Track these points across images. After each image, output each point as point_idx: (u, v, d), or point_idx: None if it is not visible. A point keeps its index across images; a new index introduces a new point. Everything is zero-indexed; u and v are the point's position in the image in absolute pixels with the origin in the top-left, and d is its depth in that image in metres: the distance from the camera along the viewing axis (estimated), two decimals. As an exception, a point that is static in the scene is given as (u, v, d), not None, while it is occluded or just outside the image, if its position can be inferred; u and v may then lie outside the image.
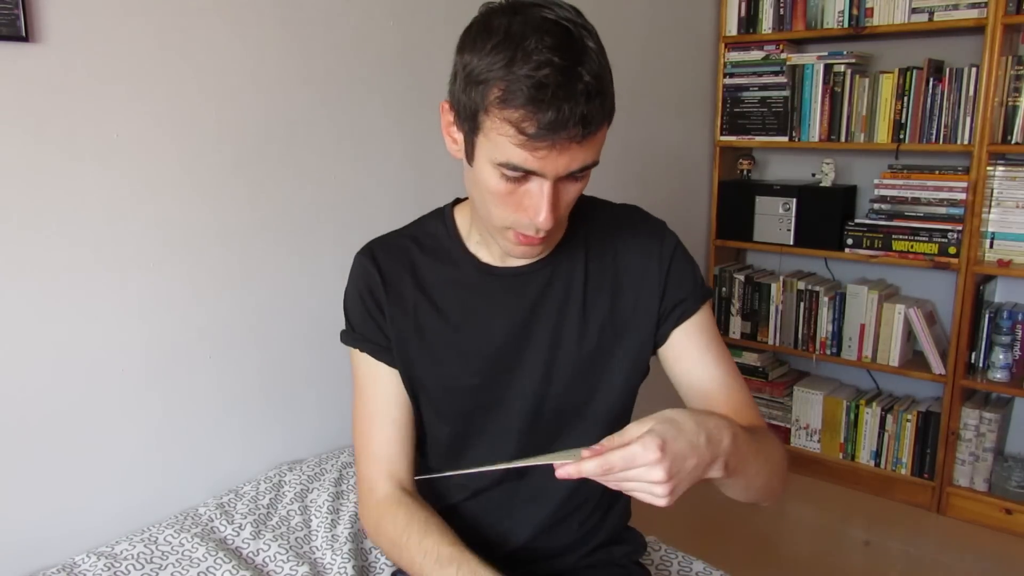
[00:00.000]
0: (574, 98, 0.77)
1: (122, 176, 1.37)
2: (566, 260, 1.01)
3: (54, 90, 1.27)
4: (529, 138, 0.78)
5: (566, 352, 1.00)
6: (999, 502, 2.43)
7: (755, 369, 2.90)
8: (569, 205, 0.88)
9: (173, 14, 1.40)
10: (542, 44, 0.77)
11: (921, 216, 2.48)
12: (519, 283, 1.00)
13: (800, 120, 2.68)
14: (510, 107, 0.78)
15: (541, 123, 0.77)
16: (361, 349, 1.03)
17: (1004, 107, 2.29)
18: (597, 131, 0.81)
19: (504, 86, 0.78)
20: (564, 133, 0.78)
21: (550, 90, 0.76)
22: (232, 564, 1.32)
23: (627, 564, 1.14)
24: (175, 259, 1.46)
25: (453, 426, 1.03)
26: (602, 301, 1.01)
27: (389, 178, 1.81)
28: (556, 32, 0.78)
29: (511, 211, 0.86)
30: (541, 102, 0.76)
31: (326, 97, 1.67)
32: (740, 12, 2.75)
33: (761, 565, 2.26)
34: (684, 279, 1.02)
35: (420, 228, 1.06)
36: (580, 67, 0.77)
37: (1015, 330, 2.39)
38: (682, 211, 2.87)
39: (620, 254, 1.02)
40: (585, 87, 0.77)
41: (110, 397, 1.40)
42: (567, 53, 0.77)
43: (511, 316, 1.00)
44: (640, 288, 1.01)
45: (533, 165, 0.81)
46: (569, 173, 0.82)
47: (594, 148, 0.83)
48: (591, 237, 1.02)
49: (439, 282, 1.02)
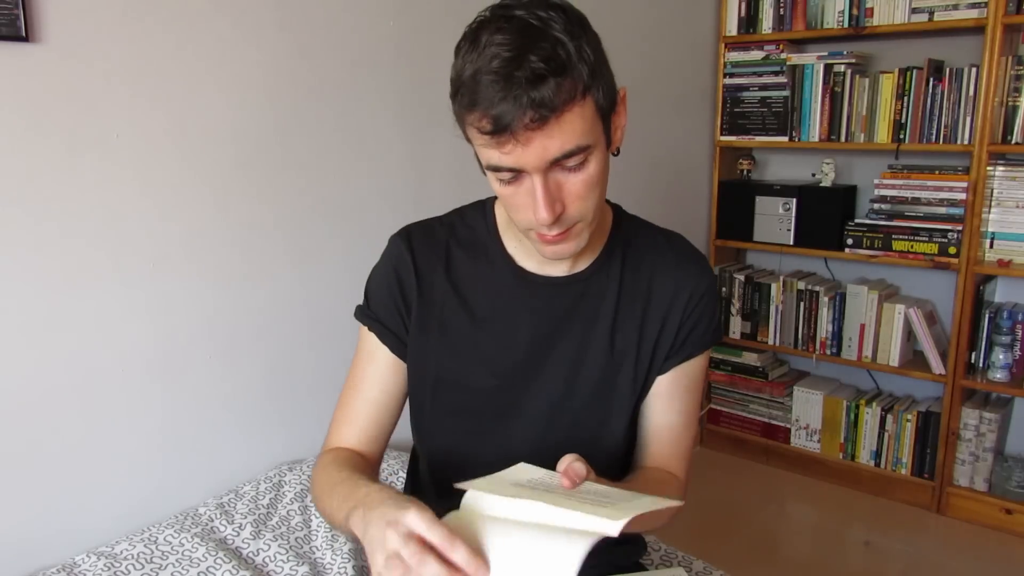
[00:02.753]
0: (519, 85, 0.75)
1: (122, 176, 1.37)
2: (601, 278, 1.00)
3: (54, 90, 1.27)
4: (491, 135, 0.77)
5: (589, 369, 0.99)
6: (999, 502, 2.43)
7: (755, 369, 2.90)
8: (581, 199, 0.85)
9: (173, 14, 1.40)
10: (492, 40, 0.76)
11: (921, 216, 2.48)
12: (551, 293, 0.99)
13: (800, 120, 2.68)
14: (469, 110, 0.78)
15: (492, 119, 0.76)
16: (370, 328, 1.03)
17: (1004, 107, 2.29)
18: (561, 112, 0.77)
19: (465, 91, 0.78)
20: (517, 123, 0.76)
21: (495, 84, 0.75)
22: (232, 564, 1.32)
23: (627, 564, 1.14)
24: (175, 259, 1.46)
25: (464, 426, 1.02)
26: (631, 325, 1.00)
27: (390, 178, 1.81)
28: (512, 28, 0.77)
29: (523, 213, 0.85)
30: (487, 98, 0.76)
31: (326, 97, 1.67)
32: (740, 12, 2.75)
33: (761, 565, 2.26)
34: (701, 322, 1.01)
35: (460, 219, 1.04)
36: (529, 53, 0.75)
37: (1015, 330, 2.39)
38: (682, 211, 2.87)
39: (655, 282, 1.00)
40: (531, 71, 0.75)
41: (110, 397, 1.40)
42: (516, 44, 0.76)
43: (538, 324, 0.99)
44: (665, 320, 1.00)
45: (508, 162, 0.79)
46: (555, 161, 0.80)
47: (569, 131, 0.79)
48: (629, 258, 1.01)
49: (471, 279, 1.00)
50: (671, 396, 1.02)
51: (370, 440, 1.04)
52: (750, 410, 2.93)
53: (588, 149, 0.82)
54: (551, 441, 1.01)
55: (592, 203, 0.87)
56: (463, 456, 1.03)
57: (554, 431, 1.01)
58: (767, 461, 2.89)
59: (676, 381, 1.02)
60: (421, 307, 1.00)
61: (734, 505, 2.55)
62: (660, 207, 2.66)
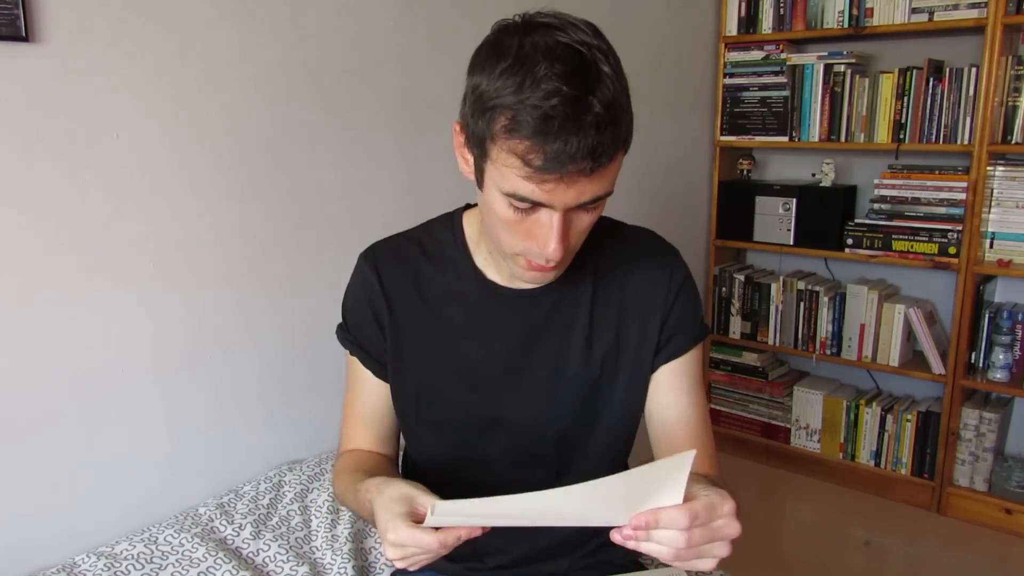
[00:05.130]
0: (583, 130, 0.74)
1: (122, 176, 1.37)
2: (573, 285, 0.99)
3: (54, 90, 1.27)
4: (536, 170, 0.76)
5: (569, 378, 0.99)
6: (999, 502, 2.43)
7: (755, 369, 2.90)
8: (583, 234, 0.86)
9: (173, 14, 1.40)
10: (552, 71, 0.74)
11: (921, 216, 2.48)
12: (524, 304, 0.98)
13: (800, 120, 2.68)
14: (516, 138, 0.76)
15: (548, 156, 0.74)
16: (352, 353, 1.05)
17: (1004, 107, 2.30)
18: (610, 162, 0.78)
19: (511, 115, 0.75)
20: (572, 166, 0.75)
21: (557, 122, 0.73)
22: (232, 564, 1.32)
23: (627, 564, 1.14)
24: (175, 259, 1.46)
25: (449, 440, 1.02)
26: (607, 329, 0.99)
27: (389, 180, 1.81)
28: (567, 57, 0.75)
29: (521, 239, 0.84)
30: (547, 134, 0.74)
31: (326, 98, 1.66)
32: (740, 12, 2.75)
33: (761, 565, 2.26)
34: (685, 315, 1.00)
35: (428, 233, 1.04)
36: (591, 96, 0.74)
37: (1015, 330, 2.39)
38: (682, 211, 2.87)
39: (629, 282, 1.00)
40: (595, 118, 0.74)
41: (110, 397, 1.40)
42: (578, 81, 0.74)
43: (513, 336, 0.98)
44: (645, 319, 0.99)
45: (541, 197, 0.78)
46: (580, 204, 0.80)
47: (607, 178, 0.80)
48: (601, 262, 1.00)
49: (442, 293, 1.00)
50: (674, 394, 1.01)
51: (379, 442, 1.08)
52: (750, 410, 2.93)
53: (609, 194, 0.83)
54: (536, 452, 1.01)
55: (586, 234, 0.88)
56: (451, 468, 1.03)
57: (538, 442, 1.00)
58: (767, 461, 2.89)
59: (672, 379, 1.01)
60: (394, 327, 1.00)
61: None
62: (660, 207, 2.67)
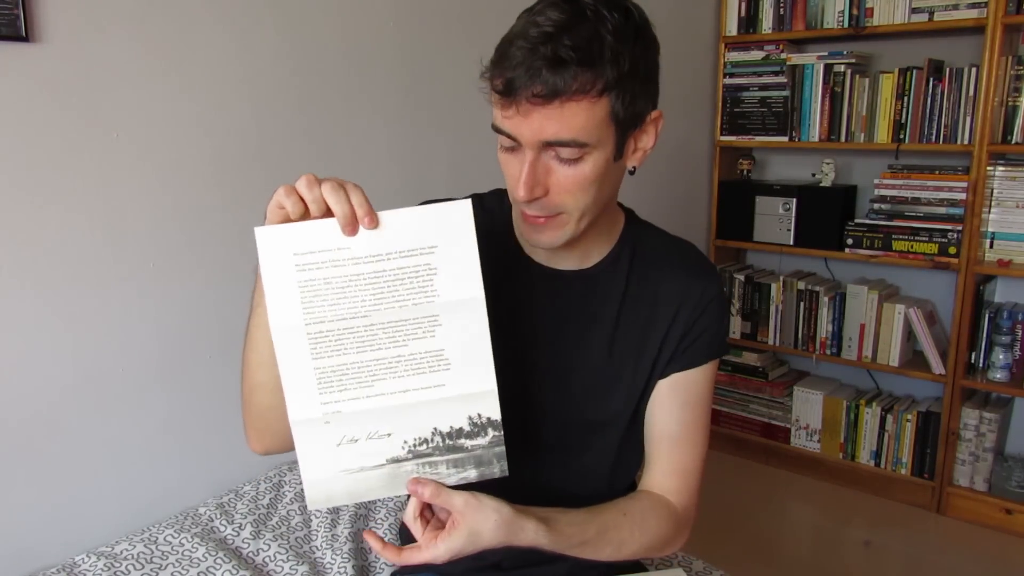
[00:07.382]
0: (540, 59, 0.77)
1: (122, 176, 1.37)
2: (606, 279, 0.99)
3: (54, 90, 1.27)
4: (499, 96, 0.80)
5: (580, 371, 0.98)
6: (999, 502, 2.43)
7: (755, 369, 2.90)
8: (564, 190, 0.84)
9: (172, 14, 1.40)
10: (543, 12, 0.79)
11: (921, 216, 2.48)
12: (555, 286, 0.98)
13: (800, 120, 2.68)
14: (492, 67, 0.81)
15: (505, 80, 0.79)
16: None
17: (1004, 107, 2.29)
18: (568, 99, 0.78)
19: (498, 49, 0.81)
20: (524, 92, 0.78)
21: (521, 53, 0.77)
22: (232, 564, 1.32)
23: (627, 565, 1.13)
24: (174, 258, 1.46)
25: None
26: (633, 330, 0.99)
27: (387, 178, 1.81)
28: (566, 8, 0.79)
29: (511, 185, 0.87)
30: (508, 60, 0.78)
31: (325, 97, 1.67)
32: (740, 12, 2.75)
33: (761, 565, 2.26)
34: (707, 331, 1.00)
35: (479, 202, 1.03)
36: (565, 36, 0.77)
37: (1015, 330, 2.39)
38: (682, 211, 2.87)
39: (662, 289, 0.99)
40: (557, 50, 0.76)
41: (110, 397, 1.40)
42: (560, 24, 0.78)
43: (538, 314, 0.98)
44: (670, 327, 0.99)
45: (505, 126, 0.82)
46: (548, 144, 0.81)
47: (569, 120, 0.79)
48: (636, 263, 1.00)
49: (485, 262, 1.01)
50: (670, 405, 1.00)
51: None
52: (750, 410, 2.93)
53: (586, 147, 0.82)
54: (552, 436, 1.00)
55: (582, 202, 0.86)
56: None
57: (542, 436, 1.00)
58: (767, 461, 2.89)
59: (675, 390, 1.00)
60: None
61: (734, 505, 2.54)
62: (660, 207, 2.66)
